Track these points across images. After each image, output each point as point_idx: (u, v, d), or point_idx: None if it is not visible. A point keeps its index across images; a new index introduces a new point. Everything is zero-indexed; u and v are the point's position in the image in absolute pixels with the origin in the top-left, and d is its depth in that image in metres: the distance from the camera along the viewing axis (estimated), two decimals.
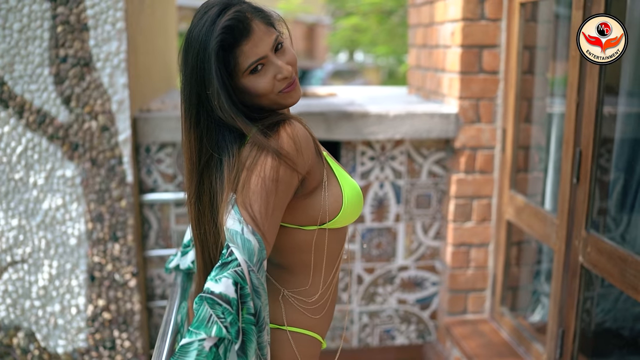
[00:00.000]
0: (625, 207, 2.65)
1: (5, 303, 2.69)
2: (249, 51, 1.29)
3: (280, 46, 1.35)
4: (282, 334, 1.40)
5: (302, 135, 1.30)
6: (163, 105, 3.06)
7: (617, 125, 2.52)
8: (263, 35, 1.30)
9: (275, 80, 1.33)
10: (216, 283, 1.16)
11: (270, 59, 1.32)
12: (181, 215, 2.89)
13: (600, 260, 2.17)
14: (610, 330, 2.90)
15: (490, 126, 2.92)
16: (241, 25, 1.28)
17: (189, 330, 1.14)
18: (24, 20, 2.46)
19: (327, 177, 1.38)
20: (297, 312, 1.42)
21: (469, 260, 3.05)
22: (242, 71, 1.30)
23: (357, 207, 1.42)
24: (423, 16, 3.37)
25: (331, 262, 1.45)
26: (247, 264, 1.19)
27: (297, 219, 1.37)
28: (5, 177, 2.58)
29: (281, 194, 1.26)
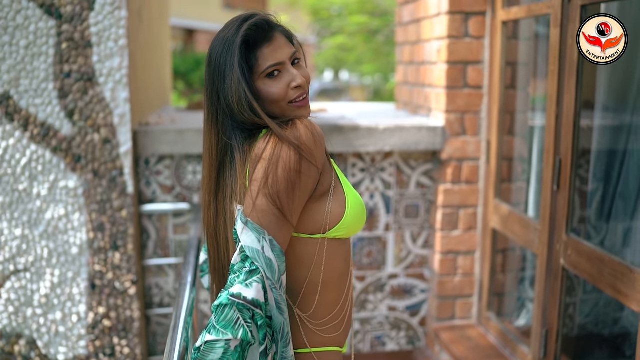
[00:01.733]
0: (603, 211, 2.79)
1: (7, 311, 2.76)
2: (269, 54, 1.37)
3: (297, 61, 1.43)
4: (307, 356, 1.44)
5: (319, 131, 1.37)
6: (160, 119, 3.18)
7: (594, 135, 2.66)
8: (283, 45, 1.40)
9: (289, 89, 1.39)
10: (247, 288, 1.22)
11: (287, 66, 1.40)
12: (179, 225, 2.98)
13: (580, 262, 2.30)
14: (592, 330, 3.03)
15: (475, 138, 3.06)
16: (266, 28, 1.37)
17: (216, 328, 1.19)
18: (30, 37, 2.57)
19: (334, 183, 1.41)
20: (314, 334, 1.44)
21: (457, 267, 3.17)
22: (259, 72, 1.38)
23: (360, 216, 1.43)
24: (410, 34, 3.52)
25: (340, 280, 1.45)
26: (270, 281, 1.25)
27: (304, 226, 1.39)
28: (9, 188, 2.67)
29: (304, 186, 1.32)
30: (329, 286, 1.42)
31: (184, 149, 2.87)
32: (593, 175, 2.79)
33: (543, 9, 2.54)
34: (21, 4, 2.54)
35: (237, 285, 1.23)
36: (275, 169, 1.29)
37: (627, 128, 2.58)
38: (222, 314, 1.20)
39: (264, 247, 1.26)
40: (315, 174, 1.34)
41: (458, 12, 2.95)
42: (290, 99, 1.40)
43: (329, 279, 1.42)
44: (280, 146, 1.31)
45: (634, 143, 2.52)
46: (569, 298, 3.11)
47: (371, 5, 11.28)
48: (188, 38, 18.76)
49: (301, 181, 1.31)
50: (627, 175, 2.57)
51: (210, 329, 1.21)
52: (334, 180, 1.42)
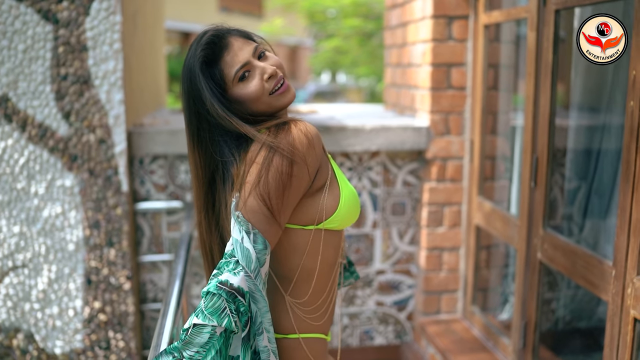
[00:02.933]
0: (578, 206, 2.90)
1: (6, 306, 2.86)
2: (231, 60, 1.43)
3: (262, 54, 1.48)
4: (295, 341, 1.51)
5: (312, 131, 1.41)
6: (155, 120, 3.27)
7: (569, 134, 2.77)
8: (242, 45, 1.45)
9: (263, 82, 1.44)
10: (235, 276, 1.29)
11: (253, 63, 1.45)
12: (172, 223, 3.08)
13: (555, 255, 2.40)
14: (570, 322, 3.14)
15: (459, 138, 3.16)
16: (218, 41, 1.44)
17: (204, 314, 1.26)
18: (28, 41, 2.67)
19: (330, 178, 1.47)
20: (303, 321, 1.52)
21: (442, 263, 3.27)
22: (230, 81, 1.43)
23: (353, 209, 1.48)
24: (397, 38, 3.62)
25: (329, 269, 1.52)
26: (245, 270, 1.31)
27: (298, 218, 1.44)
28: (8, 186, 2.76)
29: (295, 188, 1.37)
30: (319, 275, 1.49)
31: (177, 149, 2.97)
32: (570, 173, 2.89)
33: (521, 13, 2.65)
34: (19, 9, 2.64)
35: (225, 273, 1.30)
36: (267, 173, 1.34)
37: (600, 128, 2.68)
38: (210, 301, 1.27)
39: (243, 238, 1.32)
40: (307, 176, 1.39)
41: (442, 16, 3.05)
42: (269, 91, 1.45)
43: (320, 268, 1.49)
44: (273, 151, 1.36)
45: (608, 142, 2.62)
46: (551, 293, 3.22)
47: (365, 9, 11.41)
48: (184, 41, 18.85)
49: (292, 184, 1.36)
50: (601, 172, 2.67)
51: (199, 314, 1.27)
52: (330, 175, 1.47)
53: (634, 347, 1.95)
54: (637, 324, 1.93)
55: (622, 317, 1.97)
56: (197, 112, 1.44)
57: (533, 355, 2.62)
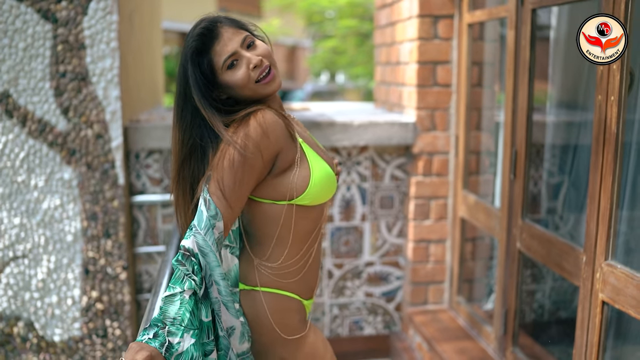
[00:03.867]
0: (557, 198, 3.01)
1: (6, 295, 2.97)
2: (221, 50, 1.57)
3: (252, 43, 1.61)
4: (256, 294, 1.67)
5: (269, 121, 1.54)
6: (150, 116, 3.38)
7: (547, 129, 2.87)
8: (232, 36, 1.58)
9: (249, 71, 1.57)
10: (186, 239, 1.48)
11: (240, 53, 1.58)
12: (167, 215, 3.19)
13: (532, 244, 2.51)
14: (548, 310, 3.25)
15: (444, 134, 3.27)
16: (209, 32, 1.57)
17: (169, 286, 1.44)
18: (28, 39, 2.78)
19: (299, 159, 1.61)
20: (266, 276, 1.68)
21: (429, 255, 3.38)
22: (220, 68, 1.58)
23: (325, 187, 1.63)
24: (386, 37, 3.73)
25: (302, 237, 1.67)
26: (196, 228, 1.48)
27: (268, 194, 1.61)
28: (9, 179, 2.87)
29: (247, 172, 1.52)
30: (292, 243, 1.65)
31: None
32: (549, 166, 3.00)
33: (501, 12, 2.75)
34: (20, 9, 2.75)
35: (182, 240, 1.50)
36: (222, 160, 1.52)
37: (577, 123, 2.79)
38: (175, 274, 1.46)
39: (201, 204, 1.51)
40: (261, 162, 1.53)
41: (428, 15, 3.16)
42: (255, 79, 1.59)
43: (294, 238, 1.64)
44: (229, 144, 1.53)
45: (585, 137, 2.73)
46: (534, 284, 3.33)
47: (361, 9, 11.52)
48: (182, 41, 18.95)
49: (244, 172, 1.51)
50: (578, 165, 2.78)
51: (167, 288, 1.46)
52: (298, 156, 1.60)
53: (602, 328, 2.06)
54: (606, 307, 2.04)
55: (592, 301, 2.08)
56: (184, 94, 1.59)
57: (513, 341, 2.73)
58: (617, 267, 1.96)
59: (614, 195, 1.98)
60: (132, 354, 1.31)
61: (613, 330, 2.40)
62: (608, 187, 1.98)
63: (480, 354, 2.88)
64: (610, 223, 2.00)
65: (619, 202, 2.00)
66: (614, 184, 1.97)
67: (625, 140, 2.04)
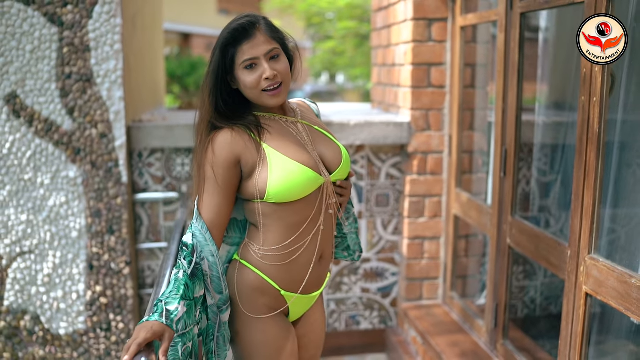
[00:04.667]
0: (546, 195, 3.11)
1: (14, 289, 3.06)
2: (247, 51, 1.68)
3: (276, 57, 1.71)
4: (237, 264, 1.81)
5: (217, 143, 1.70)
6: (153, 117, 3.48)
7: (535, 129, 2.97)
8: (262, 42, 1.69)
9: (261, 80, 1.69)
10: (186, 235, 1.69)
11: (261, 61, 1.69)
12: (169, 212, 3.28)
13: (521, 239, 2.61)
14: (539, 305, 3.34)
15: (438, 133, 3.36)
16: (244, 30, 1.68)
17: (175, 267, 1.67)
18: (35, 42, 2.88)
19: (260, 163, 1.73)
20: (251, 255, 1.80)
21: (423, 251, 3.47)
22: (238, 64, 1.69)
23: (291, 186, 1.70)
24: (382, 39, 3.82)
25: (288, 228, 1.77)
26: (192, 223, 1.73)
27: (243, 194, 1.77)
28: (16, 177, 2.97)
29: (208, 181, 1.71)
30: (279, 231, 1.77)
31: (173, 143, 3.17)
32: (539, 164, 3.10)
33: (492, 16, 2.85)
34: (27, 13, 2.84)
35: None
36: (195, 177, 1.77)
37: (565, 123, 2.88)
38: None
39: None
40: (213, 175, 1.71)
41: (422, 18, 3.26)
42: (262, 88, 1.71)
43: (280, 227, 1.77)
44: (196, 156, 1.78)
45: (572, 137, 2.82)
46: (527, 281, 3.42)
47: (360, 11, 11.62)
48: (184, 42, 19.07)
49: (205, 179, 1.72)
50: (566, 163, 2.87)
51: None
52: (260, 160, 1.72)
53: (585, 319, 2.15)
54: (589, 298, 2.13)
55: (576, 293, 2.17)
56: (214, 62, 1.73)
57: (503, 334, 2.82)
58: (599, 260, 2.05)
59: (596, 192, 2.07)
60: (136, 334, 1.44)
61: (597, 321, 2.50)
62: (591, 185, 2.08)
63: (472, 347, 2.98)
64: (593, 219, 2.09)
65: (602, 199, 2.10)
66: (597, 181, 2.07)
67: (608, 140, 2.14)
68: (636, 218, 2.28)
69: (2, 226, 3.00)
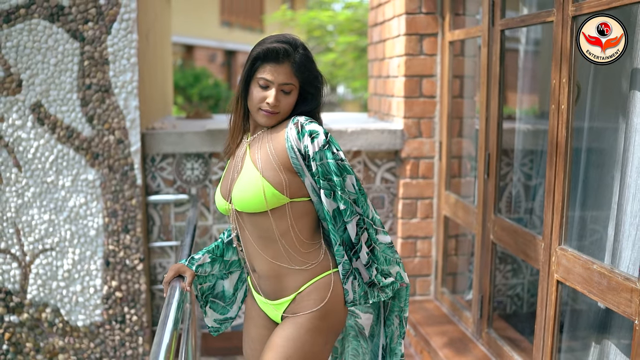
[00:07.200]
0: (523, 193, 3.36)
1: (36, 284, 3.31)
2: (268, 71, 1.79)
3: (288, 92, 1.81)
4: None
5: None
6: (164, 125, 3.74)
7: (515, 135, 3.23)
8: (283, 73, 1.79)
9: (264, 101, 1.80)
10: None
11: (273, 87, 1.79)
12: (179, 213, 3.54)
13: (503, 235, 2.86)
14: (520, 297, 3.59)
15: (430, 140, 3.62)
16: (276, 54, 1.78)
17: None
18: (59, 56, 3.15)
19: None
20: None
21: (416, 250, 3.72)
22: (256, 77, 1.81)
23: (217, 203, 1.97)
24: (378, 52, 4.09)
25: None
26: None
27: None
28: (39, 180, 3.23)
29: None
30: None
31: (183, 149, 3.43)
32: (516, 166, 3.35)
33: (476, 32, 3.12)
34: (52, 29, 3.12)
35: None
36: None
37: (541, 131, 3.14)
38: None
39: None
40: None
41: (414, 33, 3.53)
42: (260, 107, 1.82)
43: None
44: None
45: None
46: (512, 276, 3.67)
47: (359, 24, 11.94)
48: (187, 54, 19.41)
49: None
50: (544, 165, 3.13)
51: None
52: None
53: (557, 304, 2.40)
54: (560, 285, 2.38)
55: (549, 281, 2.42)
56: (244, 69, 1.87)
57: (488, 324, 3.07)
58: (568, 250, 2.31)
59: (565, 189, 2.33)
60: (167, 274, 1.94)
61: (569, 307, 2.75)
62: (560, 183, 2.33)
63: (459, 335, 3.22)
64: (562, 213, 2.35)
65: (570, 195, 2.35)
66: (565, 180, 2.32)
67: (576, 144, 2.39)
68: (601, 213, 2.53)
69: (26, 225, 3.26)
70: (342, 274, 1.85)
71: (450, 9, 3.43)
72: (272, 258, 1.86)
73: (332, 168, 1.77)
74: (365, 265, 1.84)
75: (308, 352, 1.83)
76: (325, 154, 1.77)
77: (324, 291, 1.84)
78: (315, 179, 1.80)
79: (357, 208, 1.82)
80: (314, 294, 1.84)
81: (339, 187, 1.78)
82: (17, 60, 3.14)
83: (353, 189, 1.81)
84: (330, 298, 1.84)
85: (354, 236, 1.82)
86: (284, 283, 1.87)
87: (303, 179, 1.82)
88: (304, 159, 1.79)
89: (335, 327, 1.89)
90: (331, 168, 1.77)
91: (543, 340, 2.47)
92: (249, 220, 1.87)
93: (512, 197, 3.49)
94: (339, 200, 1.79)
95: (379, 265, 1.87)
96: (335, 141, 1.82)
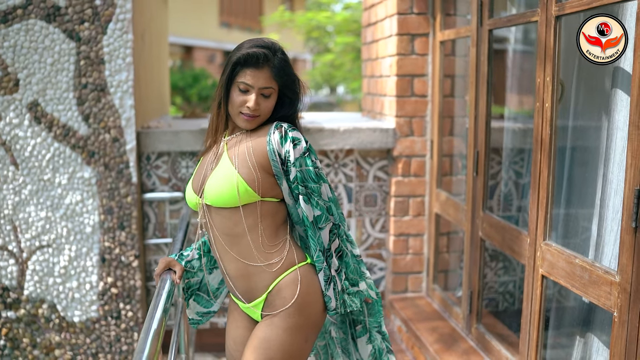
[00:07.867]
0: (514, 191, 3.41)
1: (33, 280, 3.36)
2: (247, 75, 1.84)
3: (267, 96, 1.86)
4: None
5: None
6: (159, 124, 3.79)
7: (504, 133, 3.28)
8: (263, 78, 1.85)
9: (244, 105, 1.85)
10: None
11: (252, 91, 1.85)
12: (174, 211, 3.59)
13: (491, 232, 2.91)
14: (510, 292, 3.64)
15: (421, 138, 3.67)
16: (256, 59, 1.83)
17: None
18: (55, 56, 3.20)
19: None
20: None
21: (408, 247, 3.77)
22: (236, 82, 1.86)
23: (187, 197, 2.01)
24: (371, 52, 4.15)
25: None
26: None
27: None
28: (36, 177, 3.28)
29: None
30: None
31: (178, 147, 3.49)
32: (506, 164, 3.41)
33: (466, 32, 3.17)
34: (49, 29, 3.17)
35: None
36: None
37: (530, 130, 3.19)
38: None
39: None
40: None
41: (406, 33, 3.58)
42: (240, 111, 1.88)
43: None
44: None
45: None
46: (505, 273, 3.72)
47: (357, 25, 12.01)
48: (186, 55, 19.47)
49: None
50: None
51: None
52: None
53: (542, 298, 2.45)
54: (544, 279, 2.43)
55: (534, 275, 2.47)
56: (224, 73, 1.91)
57: (477, 319, 3.12)
58: (552, 245, 2.36)
59: (549, 186, 2.38)
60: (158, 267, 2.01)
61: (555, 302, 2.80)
62: (545, 180, 2.38)
63: (449, 331, 3.27)
64: (547, 209, 2.40)
65: (554, 191, 2.40)
66: (549, 177, 2.37)
67: (560, 142, 2.44)
68: (585, 209, 2.58)
69: (23, 222, 3.31)
70: (323, 280, 1.90)
71: (441, 10, 3.49)
72: (239, 255, 1.91)
73: (311, 175, 1.86)
74: (336, 270, 1.91)
75: (288, 352, 1.87)
76: (305, 161, 1.86)
77: (293, 287, 1.88)
78: (293, 185, 1.87)
79: (330, 216, 1.91)
80: (283, 291, 1.88)
81: (315, 192, 1.87)
82: (14, 59, 3.19)
83: (327, 197, 1.91)
84: (301, 291, 1.88)
85: (327, 242, 1.90)
86: (253, 283, 1.92)
87: (280, 182, 1.89)
88: (283, 163, 1.86)
89: (313, 321, 1.92)
90: (310, 175, 1.86)
91: (529, 333, 2.52)
92: (217, 215, 1.92)
93: (502, 195, 3.54)
94: (314, 206, 1.87)
95: (347, 271, 1.95)
96: (313, 150, 1.92)
